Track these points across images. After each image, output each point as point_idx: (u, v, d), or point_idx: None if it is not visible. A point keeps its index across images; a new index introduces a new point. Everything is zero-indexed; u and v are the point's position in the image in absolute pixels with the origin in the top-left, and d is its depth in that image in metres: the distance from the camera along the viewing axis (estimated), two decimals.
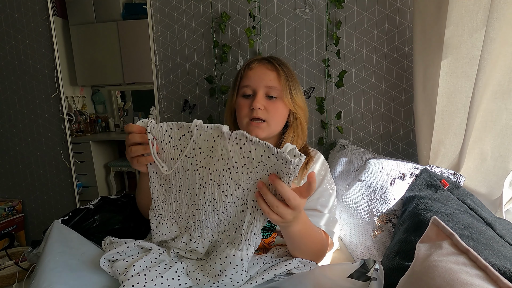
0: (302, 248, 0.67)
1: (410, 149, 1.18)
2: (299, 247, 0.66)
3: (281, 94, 0.78)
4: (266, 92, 0.79)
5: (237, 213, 0.60)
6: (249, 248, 0.57)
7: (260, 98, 0.77)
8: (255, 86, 0.79)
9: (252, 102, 0.77)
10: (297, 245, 0.66)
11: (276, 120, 0.79)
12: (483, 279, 0.37)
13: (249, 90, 0.80)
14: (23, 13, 1.42)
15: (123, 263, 0.58)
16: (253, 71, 0.80)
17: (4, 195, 1.63)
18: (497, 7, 0.68)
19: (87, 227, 0.83)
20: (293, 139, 0.83)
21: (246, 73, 0.80)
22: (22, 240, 1.60)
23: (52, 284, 0.52)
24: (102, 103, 1.66)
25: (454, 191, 0.72)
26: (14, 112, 1.53)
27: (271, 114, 0.78)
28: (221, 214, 0.60)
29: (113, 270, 0.59)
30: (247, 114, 0.79)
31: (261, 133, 0.78)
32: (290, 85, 0.78)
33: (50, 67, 1.44)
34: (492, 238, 0.52)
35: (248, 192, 0.57)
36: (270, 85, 0.78)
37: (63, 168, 1.53)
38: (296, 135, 0.83)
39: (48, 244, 0.62)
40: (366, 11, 1.14)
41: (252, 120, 0.78)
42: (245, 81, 0.80)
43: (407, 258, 0.57)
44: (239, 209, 0.59)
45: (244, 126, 0.80)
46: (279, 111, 0.79)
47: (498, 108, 0.78)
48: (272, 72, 0.79)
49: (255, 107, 0.76)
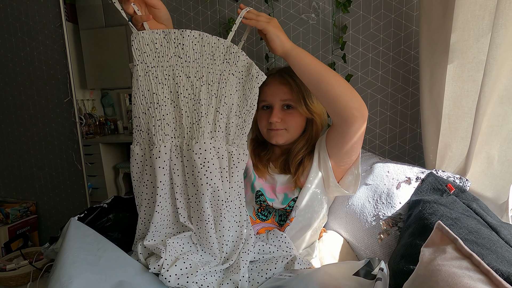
0: (325, 78, 0.69)
1: (417, 152, 1.18)
2: (320, 78, 0.70)
3: (296, 105, 0.83)
4: (282, 104, 0.85)
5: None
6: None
7: (276, 112, 0.85)
8: (271, 101, 0.86)
9: (270, 116, 0.85)
10: (316, 76, 0.70)
11: (294, 128, 0.86)
12: (486, 284, 0.38)
13: (266, 103, 0.87)
14: (37, 21, 1.47)
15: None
16: (268, 87, 0.86)
17: (18, 197, 1.68)
18: (502, 13, 0.68)
19: (101, 225, 0.85)
20: (307, 141, 0.88)
21: (263, 89, 0.86)
22: (35, 241, 1.65)
23: (72, 278, 0.53)
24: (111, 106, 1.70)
25: (460, 195, 0.72)
26: (28, 116, 1.58)
27: (289, 124, 0.85)
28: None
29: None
30: (266, 125, 0.88)
31: (281, 140, 0.86)
32: (303, 94, 0.83)
33: (63, 72, 1.49)
34: (497, 243, 0.53)
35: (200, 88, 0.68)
36: (284, 98, 0.85)
37: (75, 171, 1.57)
38: (310, 138, 0.88)
39: (66, 240, 0.64)
40: (372, 15, 1.14)
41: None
42: (262, 96, 0.87)
43: (412, 261, 0.58)
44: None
45: (264, 133, 0.90)
46: (296, 119, 0.86)
47: (504, 112, 0.78)
48: (284, 86, 0.85)
49: (272, 121, 0.84)
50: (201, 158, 0.66)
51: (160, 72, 0.67)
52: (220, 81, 0.69)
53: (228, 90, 0.70)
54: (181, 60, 0.68)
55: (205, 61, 0.69)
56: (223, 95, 0.69)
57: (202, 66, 0.69)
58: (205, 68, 0.69)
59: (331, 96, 0.70)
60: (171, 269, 0.63)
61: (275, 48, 0.69)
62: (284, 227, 0.81)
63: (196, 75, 0.68)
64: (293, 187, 0.82)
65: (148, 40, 0.66)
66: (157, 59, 0.67)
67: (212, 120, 0.69)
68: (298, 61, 0.70)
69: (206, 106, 0.68)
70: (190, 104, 0.69)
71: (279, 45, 0.68)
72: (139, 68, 0.67)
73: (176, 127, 0.70)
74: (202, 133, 0.68)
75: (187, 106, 0.69)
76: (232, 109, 0.71)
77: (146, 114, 0.68)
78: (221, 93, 0.69)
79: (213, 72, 0.69)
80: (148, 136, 0.69)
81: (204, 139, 0.68)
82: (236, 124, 0.72)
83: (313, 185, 0.81)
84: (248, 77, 0.70)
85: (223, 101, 0.69)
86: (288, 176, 0.84)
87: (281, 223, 0.82)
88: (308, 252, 0.84)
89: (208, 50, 0.68)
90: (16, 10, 1.48)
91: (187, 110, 0.69)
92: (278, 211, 0.83)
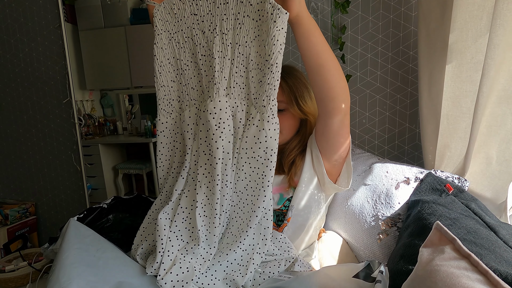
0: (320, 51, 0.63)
1: (416, 152, 1.19)
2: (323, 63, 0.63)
3: (288, 106, 0.81)
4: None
5: None
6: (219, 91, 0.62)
7: None
8: None
9: None
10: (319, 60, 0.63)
11: (287, 129, 0.83)
12: (484, 284, 0.38)
13: None
14: (36, 22, 1.47)
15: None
16: None
17: (18, 198, 1.68)
18: (500, 13, 0.69)
19: (100, 226, 0.86)
20: (300, 141, 0.86)
21: None
22: (35, 242, 1.65)
23: (71, 279, 0.53)
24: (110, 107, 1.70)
25: (458, 195, 0.72)
26: (27, 117, 1.58)
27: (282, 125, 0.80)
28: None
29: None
30: None
31: None
32: (296, 95, 0.80)
33: (62, 73, 1.49)
34: (495, 243, 0.53)
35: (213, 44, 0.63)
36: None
37: (74, 172, 1.57)
38: (303, 138, 0.86)
39: (65, 241, 0.64)
40: (370, 16, 1.15)
41: None
42: None
43: (411, 262, 0.58)
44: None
45: None
46: (288, 121, 0.82)
47: (503, 112, 0.78)
48: None
49: None
50: (215, 119, 0.60)
51: (181, 37, 0.66)
52: (235, 27, 0.61)
53: (243, 36, 0.61)
54: (197, 17, 0.64)
55: (218, 8, 0.62)
56: (237, 44, 0.62)
57: (215, 15, 0.62)
58: (218, 16, 0.62)
59: (326, 84, 0.66)
60: (166, 276, 0.61)
61: (291, 9, 0.59)
62: (282, 227, 0.81)
63: (210, 27, 0.63)
64: (287, 187, 0.82)
65: (168, 8, 0.65)
66: (177, 24, 0.66)
67: (227, 74, 0.63)
68: (307, 34, 0.61)
69: (221, 59, 0.62)
70: (207, 61, 0.64)
71: (296, 8, 0.58)
72: (163, 37, 0.66)
73: (200, 92, 0.67)
74: (217, 90, 0.62)
75: (205, 64, 0.65)
76: (252, 60, 0.62)
77: (175, 81, 0.68)
78: (235, 41, 0.62)
79: (226, 18, 0.61)
80: (179, 104, 0.69)
81: (220, 96, 0.61)
82: (258, 79, 0.62)
83: (307, 184, 0.81)
84: (264, 17, 0.59)
85: (238, 51, 0.62)
86: (282, 176, 0.84)
87: (279, 223, 0.82)
88: (308, 253, 0.84)
89: None
90: (15, 11, 1.48)
91: (205, 69, 0.65)
92: (275, 212, 0.83)
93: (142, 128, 1.67)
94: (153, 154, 1.63)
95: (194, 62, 0.67)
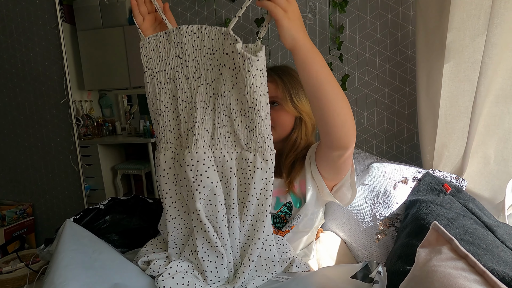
0: (323, 81, 0.59)
1: (414, 151, 1.19)
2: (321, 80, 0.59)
3: (281, 102, 0.80)
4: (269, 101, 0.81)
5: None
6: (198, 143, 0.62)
7: None
8: None
9: None
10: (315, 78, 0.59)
11: (281, 125, 0.81)
12: (481, 284, 0.38)
13: None
14: (33, 22, 1.46)
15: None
16: None
17: (15, 199, 1.67)
18: (497, 12, 0.69)
19: (97, 227, 0.85)
20: (296, 141, 0.84)
21: None
22: (32, 243, 1.64)
23: (67, 281, 0.53)
24: (109, 107, 1.70)
25: (456, 195, 0.72)
26: (24, 118, 1.57)
27: (275, 121, 0.78)
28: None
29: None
30: None
31: None
32: (290, 91, 0.79)
33: (59, 73, 1.48)
34: (493, 243, 0.53)
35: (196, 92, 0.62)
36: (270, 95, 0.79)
37: (72, 172, 1.56)
38: (299, 136, 0.84)
39: (61, 242, 0.64)
40: (368, 15, 1.15)
41: None
42: None
43: (409, 262, 0.57)
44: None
45: None
46: (282, 117, 0.81)
47: (501, 112, 0.78)
48: (270, 84, 0.79)
49: None
50: (193, 170, 0.60)
51: (163, 77, 0.64)
52: (217, 78, 0.61)
53: (221, 86, 0.60)
54: (181, 61, 0.62)
55: (204, 57, 0.61)
56: (218, 94, 0.61)
57: (201, 64, 0.62)
58: (204, 65, 0.61)
59: (328, 122, 0.61)
60: (167, 281, 0.60)
61: (284, 42, 0.58)
62: (284, 233, 0.80)
63: (194, 75, 0.62)
64: (286, 191, 0.80)
65: (153, 45, 0.63)
66: (161, 63, 0.64)
67: (211, 125, 0.62)
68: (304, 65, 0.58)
69: (204, 109, 0.62)
70: (187, 108, 0.63)
71: (289, 42, 0.57)
72: (147, 75, 0.65)
73: (177, 135, 0.66)
74: (196, 141, 0.61)
75: (185, 110, 0.63)
76: (234, 108, 0.61)
77: (155, 120, 0.67)
78: (216, 92, 0.61)
79: (212, 69, 0.61)
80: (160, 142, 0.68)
81: (197, 148, 0.61)
82: (245, 125, 0.61)
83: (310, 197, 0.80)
84: (238, 67, 0.57)
85: (219, 101, 0.61)
86: (279, 179, 0.82)
87: (277, 226, 0.81)
88: (306, 253, 0.84)
89: (208, 44, 0.60)
90: (12, 11, 1.48)
91: (185, 115, 0.63)
92: (272, 215, 0.82)
93: (141, 129, 1.66)
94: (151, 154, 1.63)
95: (174, 105, 0.65)
